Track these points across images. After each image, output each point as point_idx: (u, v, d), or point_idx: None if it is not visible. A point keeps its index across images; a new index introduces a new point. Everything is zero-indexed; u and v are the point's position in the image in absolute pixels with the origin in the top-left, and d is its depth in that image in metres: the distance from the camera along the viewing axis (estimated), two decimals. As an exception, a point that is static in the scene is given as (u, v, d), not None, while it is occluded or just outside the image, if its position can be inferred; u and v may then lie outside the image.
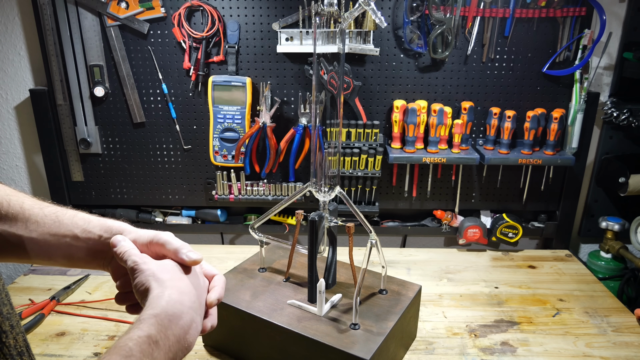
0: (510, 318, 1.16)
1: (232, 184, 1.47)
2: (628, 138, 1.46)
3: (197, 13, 1.34)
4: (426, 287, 1.26)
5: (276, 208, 1.06)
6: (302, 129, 1.39)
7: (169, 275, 0.61)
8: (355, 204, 1.48)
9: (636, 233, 1.40)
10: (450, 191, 1.50)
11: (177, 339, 0.56)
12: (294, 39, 1.33)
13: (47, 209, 0.66)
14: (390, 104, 1.40)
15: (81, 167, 1.48)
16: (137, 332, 0.53)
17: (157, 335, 0.54)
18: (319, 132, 1.34)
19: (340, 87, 1.05)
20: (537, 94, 1.41)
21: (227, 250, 1.50)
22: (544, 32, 1.35)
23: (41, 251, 0.66)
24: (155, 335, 0.53)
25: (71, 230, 0.65)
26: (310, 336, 0.87)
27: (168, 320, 0.55)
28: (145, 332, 0.53)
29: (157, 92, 1.41)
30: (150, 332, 0.53)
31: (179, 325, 0.56)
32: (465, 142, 1.41)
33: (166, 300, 0.57)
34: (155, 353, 0.53)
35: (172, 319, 0.56)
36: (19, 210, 0.64)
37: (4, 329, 0.50)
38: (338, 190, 0.96)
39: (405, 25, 1.32)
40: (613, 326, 1.14)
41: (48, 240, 0.65)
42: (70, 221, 0.66)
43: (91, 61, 1.38)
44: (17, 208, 0.64)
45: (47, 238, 0.65)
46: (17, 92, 1.46)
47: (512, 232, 1.44)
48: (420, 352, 1.04)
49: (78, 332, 1.10)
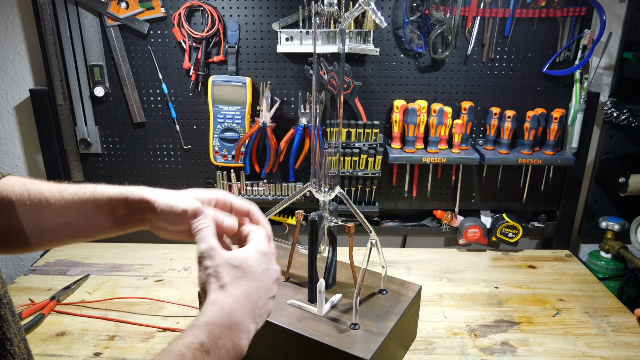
0: (510, 318, 1.16)
1: (232, 184, 1.47)
2: (628, 138, 1.46)
3: (197, 13, 1.34)
4: (426, 287, 1.26)
5: (276, 208, 1.06)
6: (302, 129, 1.39)
7: (232, 275, 0.59)
8: (355, 204, 1.48)
9: (636, 233, 1.40)
10: (450, 191, 1.50)
11: (226, 350, 0.55)
12: (294, 39, 1.33)
13: (66, 192, 0.65)
14: (390, 104, 1.40)
15: (81, 167, 1.48)
16: (190, 338, 0.53)
17: (208, 344, 0.53)
18: (319, 132, 1.34)
19: (340, 87, 1.05)
20: (537, 94, 1.41)
21: (227, 250, 1.50)
22: (544, 32, 1.35)
23: (72, 233, 0.66)
24: (207, 344, 0.53)
25: (95, 205, 0.65)
26: (310, 336, 0.87)
27: (219, 331, 0.55)
28: (198, 339, 0.53)
29: (157, 92, 1.41)
30: (203, 340, 0.53)
31: (229, 336, 0.56)
32: (465, 142, 1.41)
33: (218, 310, 0.56)
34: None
35: (224, 330, 0.55)
36: (39, 198, 0.64)
37: (9, 336, 0.50)
38: (338, 190, 0.96)
39: (405, 25, 1.32)
40: (613, 326, 1.14)
41: (75, 221, 0.65)
42: (91, 198, 0.65)
43: (91, 61, 1.38)
44: (38, 196, 0.64)
45: (73, 220, 0.65)
46: (17, 92, 1.46)
47: (512, 232, 1.44)
48: (420, 352, 1.04)
49: (78, 332, 1.10)
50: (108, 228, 0.67)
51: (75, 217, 0.65)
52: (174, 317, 1.15)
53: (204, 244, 0.60)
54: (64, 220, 0.65)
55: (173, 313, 1.16)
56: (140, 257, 1.44)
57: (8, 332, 0.50)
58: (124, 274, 1.34)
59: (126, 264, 1.39)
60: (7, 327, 0.50)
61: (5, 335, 0.49)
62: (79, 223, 0.66)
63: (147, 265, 1.39)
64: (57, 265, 1.39)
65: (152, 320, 1.13)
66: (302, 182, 1.47)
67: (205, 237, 0.60)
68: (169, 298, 1.22)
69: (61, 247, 1.49)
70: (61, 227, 0.66)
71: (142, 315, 1.15)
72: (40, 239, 0.66)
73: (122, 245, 1.52)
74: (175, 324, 1.12)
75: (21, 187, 0.65)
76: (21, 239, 0.65)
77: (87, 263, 1.40)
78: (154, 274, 1.34)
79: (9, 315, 0.51)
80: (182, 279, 1.32)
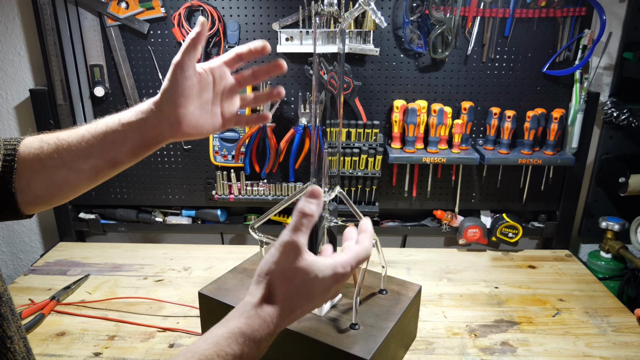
0: (510, 318, 1.16)
1: (232, 184, 1.47)
2: (628, 138, 1.46)
3: (197, 13, 1.34)
4: (426, 287, 1.26)
5: (276, 208, 1.06)
6: (302, 129, 1.39)
7: (292, 288, 0.57)
8: (355, 204, 1.48)
9: (636, 233, 1.40)
10: (450, 191, 1.50)
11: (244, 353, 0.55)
12: (294, 39, 1.33)
13: (80, 130, 0.66)
14: (390, 104, 1.40)
15: (81, 167, 1.48)
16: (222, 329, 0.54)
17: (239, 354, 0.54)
18: (319, 132, 1.34)
19: (340, 87, 1.05)
20: (537, 94, 1.41)
21: (227, 250, 1.50)
22: (544, 32, 1.35)
23: (99, 166, 0.66)
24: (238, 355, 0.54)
25: (113, 129, 0.65)
26: (310, 336, 0.87)
27: (243, 339, 0.55)
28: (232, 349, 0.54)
29: (157, 92, 1.40)
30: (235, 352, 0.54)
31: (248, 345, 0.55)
32: (465, 142, 1.41)
33: (259, 322, 0.56)
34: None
35: (247, 340, 0.55)
36: (57, 144, 0.64)
37: (9, 334, 0.50)
38: (338, 190, 0.96)
39: (405, 25, 1.32)
40: (613, 326, 1.14)
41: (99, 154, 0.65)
42: (104, 126, 0.65)
43: (91, 61, 1.38)
44: (54, 146, 0.64)
45: (97, 152, 0.65)
46: (17, 92, 1.46)
47: (512, 232, 1.44)
48: (420, 352, 1.04)
49: (78, 332, 1.10)
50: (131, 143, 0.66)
51: (99, 149, 0.65)
52: (174, 317, 1.15)
53: (291, 236, 0.56)
54: (88, 155, 0.65)
55: (173, 313, 1.16)
56: (140, 257, 1.44)
57: (8, 329, 0.50)
58: (124, 274, 1.34)
59: (126, 264, 1.39)
60: (7, 325, 0.50)
61: (6, 333, 0.50)
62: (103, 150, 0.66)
63: (147, 265, 1.39)
64: (57, 265, 1.39)
65: (152, 320, 1.13)
66: (302, 182, 1.47)
67: (298, 229, 0.56)
68: (169, 298, 1.22)
69: (61, 247, 1.49)
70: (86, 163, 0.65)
71: (142, 315, 1.15)
72: (73, 185, 0.66)
73: (122, 245, 1.52)
74: (175, 324, 1.12)
75: (39, 142, 0.65)
76: (57, 190, 0.66)
77: (87, 263, 1.40)
78: (154, 274, 1.34)
79: (9, 313, 0.51)
80: (182, 279, 1.32)
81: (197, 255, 1.45)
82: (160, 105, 0.66)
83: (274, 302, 0.57)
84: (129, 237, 1.62)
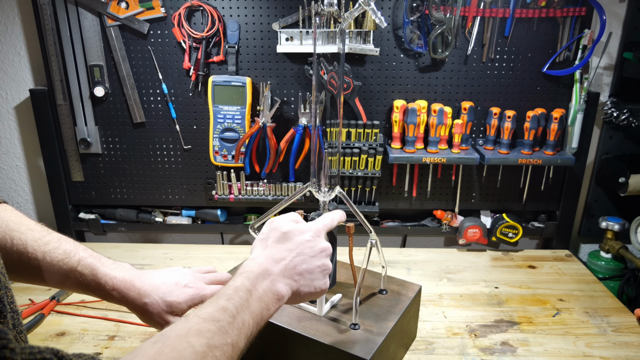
0: (510, 318, 1.16)
1: (232, 184, 1.47)
2: (628, 138, 1.46)
3: (197, 13, 1.34)
4: (426, 287, 1.26)
5: (276, 208, 1.06)
6: (302, 129, 1.39)
7: (276, 238, 0.73)
8: (355, 204, 1.48)
9: (636, 233, 1.40)
10: (450, 191, 1.50)
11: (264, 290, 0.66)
12: (294, 39, 1.33)
13: (50, 256, 0.74)
14: (390, 104, 1.40)
15: (81, 167, 1.48)
16: (233, 283, 0.64)
17: (249, 285, 0.64)
18: (319, 132, 1.34)
19: (340, 87, 1.05)
20: (537, 94, 1.41)
21: (227, 250, 1.50)
22: (544, 32, 1.35)
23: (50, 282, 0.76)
24: (247, 285, 0.64)
25: (77, 281, 0.77)
26: (310, 336, 0.87)
27: (255, 276, 0.66)
28: (240, 282, 0.64)
29: (157, 92, 1.41)
30: (244, 283, 0.64)
31: (264, 282, 0.67)
32: (465, 142, 1.41)
33: (254, 263, 0.69)
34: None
35: (259, 277, 0.66)
36: (22, 251, 0.71)
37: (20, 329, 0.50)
38: (338, 190, 0.96)
39: (405, 25, 1.32)
40: (613, 326, 1.14)
41: (56, 281, 0.76)
42: (73, 273, 0.76)
43: (91, 61, 1.38)
44: (21, 249, 0.71)
45: (54, 280, 0.75)
46: (17, 92, 1.46)
47: (512, 232, 1.44)
48: (420, 352, 1.04)
49: (78, 332, 1.10)
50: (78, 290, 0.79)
51: (54, 281, 0.75)
52: (174, 317, 1.15)
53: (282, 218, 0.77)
54: (44, 280, 0.74)
55: (173, 313, 1.16)
56: (140, 257, 1.44)
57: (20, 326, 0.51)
58: (124, 274, 1.34)
59: (126, 264, 1.39)
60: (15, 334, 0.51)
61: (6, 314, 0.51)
62: (55, 283, 0.76)
63: (147, 265, 1.39)
64: (57, 265, 1.39)
65: (152, 320, 1.13)
66: (302, 182, 1.47)
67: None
68: (169, 298, 1.21)
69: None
70: (37, 280, 0.74)
71: (142, 315, 1.15)
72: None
73: (122, 245, 1.52)
74: (175, 324, 1.12)
75: (4, 231, 0.71)
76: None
77: (87, 263, 1.40)
78: (154, 274, 1.34)
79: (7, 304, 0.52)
80: (182, 279, 1.32)
81: (197, 255, 1.45)
82: (127, 304, 0.80)
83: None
84: (129, 237, 1.62)
